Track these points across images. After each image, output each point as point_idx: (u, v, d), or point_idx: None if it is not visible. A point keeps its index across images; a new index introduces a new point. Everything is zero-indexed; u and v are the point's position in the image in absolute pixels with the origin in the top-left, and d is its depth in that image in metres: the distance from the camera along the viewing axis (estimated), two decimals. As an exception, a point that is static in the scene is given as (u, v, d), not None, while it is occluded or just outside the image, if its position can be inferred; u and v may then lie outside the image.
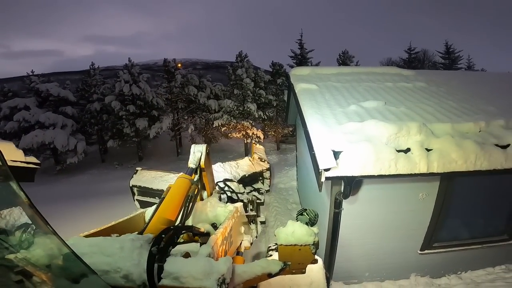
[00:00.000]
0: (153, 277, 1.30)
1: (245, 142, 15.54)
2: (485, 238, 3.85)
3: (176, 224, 2.12)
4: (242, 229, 2.96)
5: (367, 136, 2.77)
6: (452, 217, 3.64)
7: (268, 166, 6.17)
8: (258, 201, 4.45)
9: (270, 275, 1.69)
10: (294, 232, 1.74)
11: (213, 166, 3.97)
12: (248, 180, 5.38)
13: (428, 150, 2.69)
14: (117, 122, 14.02)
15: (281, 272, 1.72)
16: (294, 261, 1.76)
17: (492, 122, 3.08)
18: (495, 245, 3.86)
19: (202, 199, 2.99)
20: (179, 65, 16.82)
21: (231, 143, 17.71)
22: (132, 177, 5.50)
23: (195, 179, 2.62)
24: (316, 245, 1.76)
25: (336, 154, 2.66)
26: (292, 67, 17.56)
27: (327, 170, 2.54)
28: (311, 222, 1.96)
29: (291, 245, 1.72)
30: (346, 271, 3.93)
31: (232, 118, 14.38)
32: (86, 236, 1.66)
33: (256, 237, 3.69)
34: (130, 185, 5.36)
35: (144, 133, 14.37)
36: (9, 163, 3.13)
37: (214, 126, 14.90)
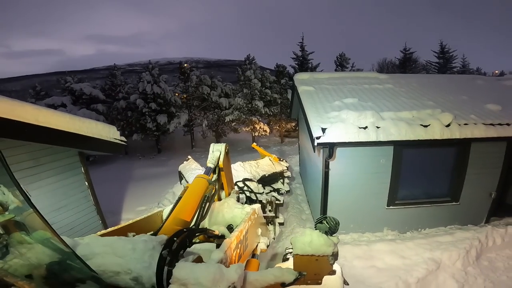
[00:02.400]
0: (162, 281, 1.29)
1: (253, 135, 17.41)
2: (433, 198, 5.39)
3: (191, 225, 2.08)
4: (259, 231, 2.89)
5: (342, 119, 4.61)
6: (405, 179, 5.18)
7: (288, 165, 5.97)
8: (277, 201, 4.39)
9: (283, 285, 1.64)
10: (312, 241, 1.67)
11: (232, 165, 3.97)
12: (268, 180, 5.29)
13: (377, 127, 4.51)
14: (140, 118, 15.88)
15: (295, 282, 1.67)
16: (310, 271, 1.70)
17: (422, 111, 4.89)
18: (442, 205, 5.41)
19: (220, 199, 2.94)
20: (186, 65, 18.58)
21: (238, 137, 19.58)
22: (183, 163, 6.04)
23: (213, 179, 2.58)
24: (335, 255, 1.69)
25: (323, 129, 4.49)
26: (294, 67, 19.42)
27: (318, 138, 4.37)
28: (331, 231, 1.85)
29: (308, 255, 1.65)
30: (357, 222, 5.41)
31: (242, 114, 16.24)
32: (103, 235, 1.64)
33: (274, 238, 3.66)
34: (179, 170, 5.89)
35: (163, 128, 16.22)
36: (112, 140, 4.88)
37: (226, 121, 16.73)
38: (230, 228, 2.45)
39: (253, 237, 2.61)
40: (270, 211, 3.88)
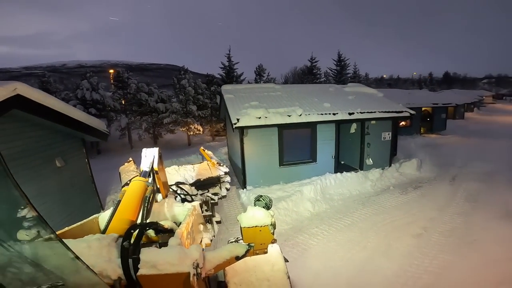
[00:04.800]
0: (129, 270, 1.36)
1: (188, 134, 20.20)
2: (303, 160, 9.27)
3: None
4: (201, 227, 3.02)
5: (248, 113, 8.21)
6: (286, 148, 8.97)
7: (227, 171, 5.83)
8: (212, 201, 4.56)
9: (237, 258, 1.83)
10: (254, 215, 1.96)
11: (167, 169, 4.08)
12: (204, 184, 5.26)
13: (266, 117, 8.25)
14: (79, 122, 17.02)
15: (247, 253, 1.89)
16: (257, 242, 1.96)
17: (289, 108, 8.87)
18: (308, 164, 9.29)
19: (156, 201, 2.96)
20: (111, 70, 19.97)
21: (175, 137, 22.06)
22: (124, 164, 5.90)
23: (149, 181, 2.67)
24: (273, 225, 1.99)
25: (238, 119, 8.01)
26: (221, 75, 22.93)
27: (235, 123, 7.85)
28: (267, 206, 2.13)
29: (253, 226, 1.93)
30: (251, 179, 8.61)
31: (178, 116, 18.92)
32: None
33: (214, 236, 3.78)
34: (119, 171, 5.71)
35: (104, 131, 17.65)
36: (105, 131, 7.33)
37: (164, 123, 19.12)
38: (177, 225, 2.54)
39: (197, 232, 2.70)
40: (206, 210, 3.91)
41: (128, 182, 3.32)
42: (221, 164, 5.95)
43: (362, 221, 6.63)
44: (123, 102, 18.98)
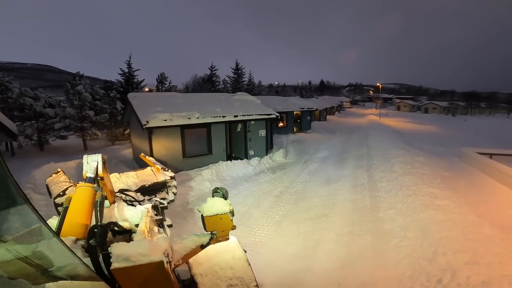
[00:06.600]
0: (100, 266, 1.40)
1: (84, 139, 19.77)
2: (202, 153, 11.96)
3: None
4: (156, 229, 3.00)
5: (155, 116, 10.25)
6: (188, 143, 11.61)
7: (173, 175, 5.79)
8: (161, 205, 4.61)
9: (202, 246, 1.91)
10: (214, 205, 2.13)
11: None
12: (149, 190, 5.23)
13: (170, 119, 10.50)
14: None
15: (210, 241, 1.95)
16: (218, 229, 2.10)
17: (189, 112, 11.39)
18: (206, 156, 11.97)
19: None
20: None
21: (67, 144, 21.02)
22: (51, 175, 5.35)
23: (96, 187, 2.62)
24: (232, 212, 2.17)
25: (147, 121, 9.96)
26: (120, 82, 23.09)
27: (145, 125, 9.78)
28: (224, 197, 2.30)
29: (214, 215, 2.08)
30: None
31: (73, 121, 18.41)
32: None
33: (168, 239, 4.16)
34: (46, 184, 5.20)
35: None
36: (15, 131, 7.96)
37: (55, 129, 18.18)
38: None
39: (153, 234, 2.70)
40: (156, 215, 3.86)
41: (61, 193, 3.68)
42: (166, 169, 5.87)
43: (244, 191, 9.70)
44: (2, 107, 17.04)
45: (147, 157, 6.59)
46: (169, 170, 5.83)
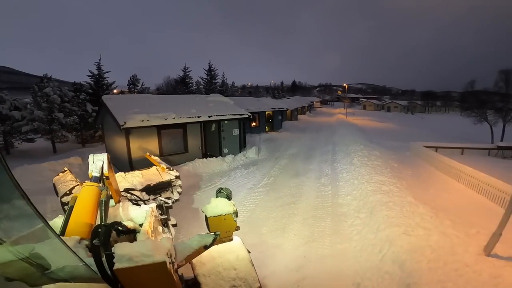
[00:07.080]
0: (103, 266, 1.39)
1: (53, 142, 19.29)
2: (178, 151, 12.50)
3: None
4: (160, 228, 3.03)
5: (132, 117, 10.70)
6: (165, 142, 12.12)
7: (178, 174, 5.73)
8: (166, 204, 4.57)
9: (206, 247, 1.94)
10: (218, 205, 2.13)
11: None
12: (154, 189, 5.23)
13: (147, 120, 11.00)
14: None
15: (214, 242, 1.98)
16: (222, 230, 2.08)
17: (166, 113, 11.94)
18: (182, 154, 12.57)
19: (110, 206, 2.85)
20: None
21: (34, 146, 20.37)
22: (58, 174, 5.55)
23: (101, 186, 2.63)
24: (236, 213, 2.14)
25: (125, 122, 10.39)
26: (90, 84, 22.71)
27: (122, 125, 10.21)
28: (228, 197, 2.29)
29: (217, 215, 2.07)
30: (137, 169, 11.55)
31: (42, 124, 17.96)
32: None
33: (172, 239, 3.47)
34: (53, 182, 5.37)
35: None
36: None
37: (22, 132, 17.63)
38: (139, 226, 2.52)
39: (157, 233, 2.72)
40: (161, 214, 3.86)
41: (68, 192, 3.66)
42: (171, 169, 5.85)
43: (220, 185, 10.45)
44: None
45: (152, 156, 6.57)
46: (174, 170, 5.87)
